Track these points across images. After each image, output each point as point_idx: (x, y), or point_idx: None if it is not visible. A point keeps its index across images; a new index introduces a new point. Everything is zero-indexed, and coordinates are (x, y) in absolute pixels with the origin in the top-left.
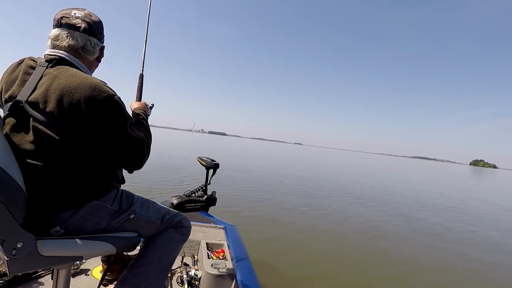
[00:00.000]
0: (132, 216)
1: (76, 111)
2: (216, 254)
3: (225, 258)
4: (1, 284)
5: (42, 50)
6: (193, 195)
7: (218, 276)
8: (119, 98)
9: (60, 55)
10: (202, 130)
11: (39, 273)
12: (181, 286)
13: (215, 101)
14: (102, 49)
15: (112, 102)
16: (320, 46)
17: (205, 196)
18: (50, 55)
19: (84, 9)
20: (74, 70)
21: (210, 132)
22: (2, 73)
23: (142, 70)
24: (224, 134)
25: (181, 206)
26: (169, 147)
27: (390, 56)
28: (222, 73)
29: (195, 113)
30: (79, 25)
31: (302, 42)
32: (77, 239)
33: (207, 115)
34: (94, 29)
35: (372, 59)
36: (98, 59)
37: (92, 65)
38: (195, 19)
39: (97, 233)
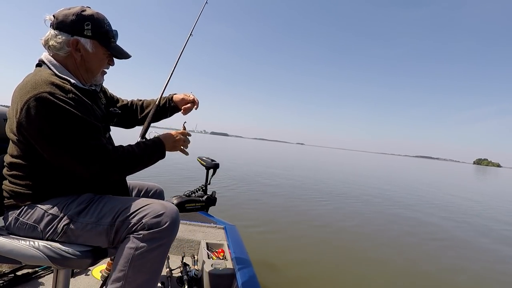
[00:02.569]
0: (65, 222)
1: (15, 111)
2: (216, 254)
3: (225, 258)
4: (1, 284)
5: None
6: (193, 195)
7: (218, 276)
8: (52, 95)
9: (42, 58)
10: (204, 131)
11: (39, 273)
12: (181, 286)
13: (217, 102)
14: (73, 43)
15: (38, 101)
16: (321, 45)
17: (205, 196)
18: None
19: (76, 7)
20: (40, 70)
21: (212, 133)
22: None
23: (159, 101)
24: (226, 134)
25: (181, 206)
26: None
27: (392, 54)
28: (223, 74)
29: (197, 114)
30: (47, 20)
31: (302, 42)
32: (11, 241)
33: (209, 116)
34: (61, 21)
35: (374, 57)
36: (74, 56)
37: (70, 62)
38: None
39: (39, 239)
